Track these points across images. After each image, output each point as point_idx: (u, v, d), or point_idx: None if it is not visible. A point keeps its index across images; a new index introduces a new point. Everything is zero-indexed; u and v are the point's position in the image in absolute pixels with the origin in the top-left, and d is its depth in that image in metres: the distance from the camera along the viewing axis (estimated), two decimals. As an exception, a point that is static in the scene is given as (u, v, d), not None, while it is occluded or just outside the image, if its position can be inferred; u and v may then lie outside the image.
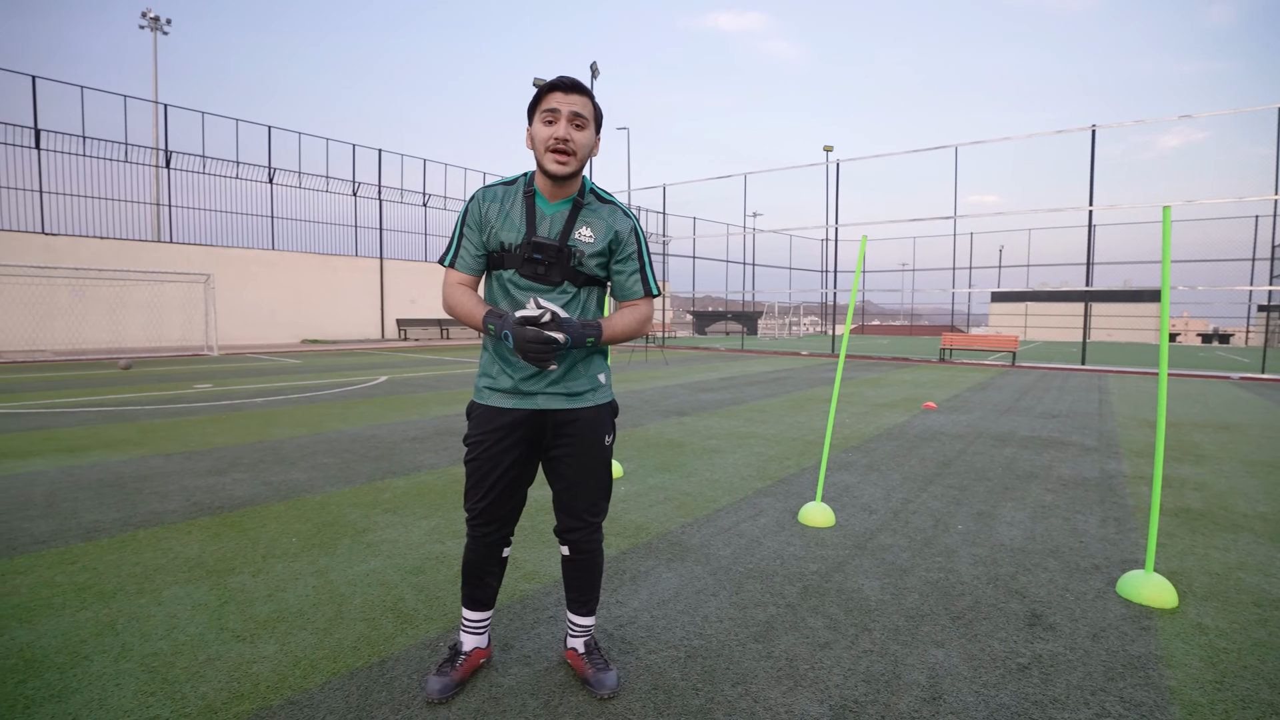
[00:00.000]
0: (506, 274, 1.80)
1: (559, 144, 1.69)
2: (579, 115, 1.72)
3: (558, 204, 1.81)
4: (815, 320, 52.94)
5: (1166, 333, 2.72)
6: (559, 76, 1.74)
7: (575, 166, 1.73)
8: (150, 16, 24.45)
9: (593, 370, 1.88)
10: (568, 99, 1.71)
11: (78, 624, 2.29)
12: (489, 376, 1.86)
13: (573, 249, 1.78)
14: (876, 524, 3.56)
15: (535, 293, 1.79)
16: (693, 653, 2.16)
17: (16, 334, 16.72)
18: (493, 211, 1.81)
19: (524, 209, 1.79)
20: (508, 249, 1.78)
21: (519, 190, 1.83)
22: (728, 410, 7.71)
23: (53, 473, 4.44)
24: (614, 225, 1.82)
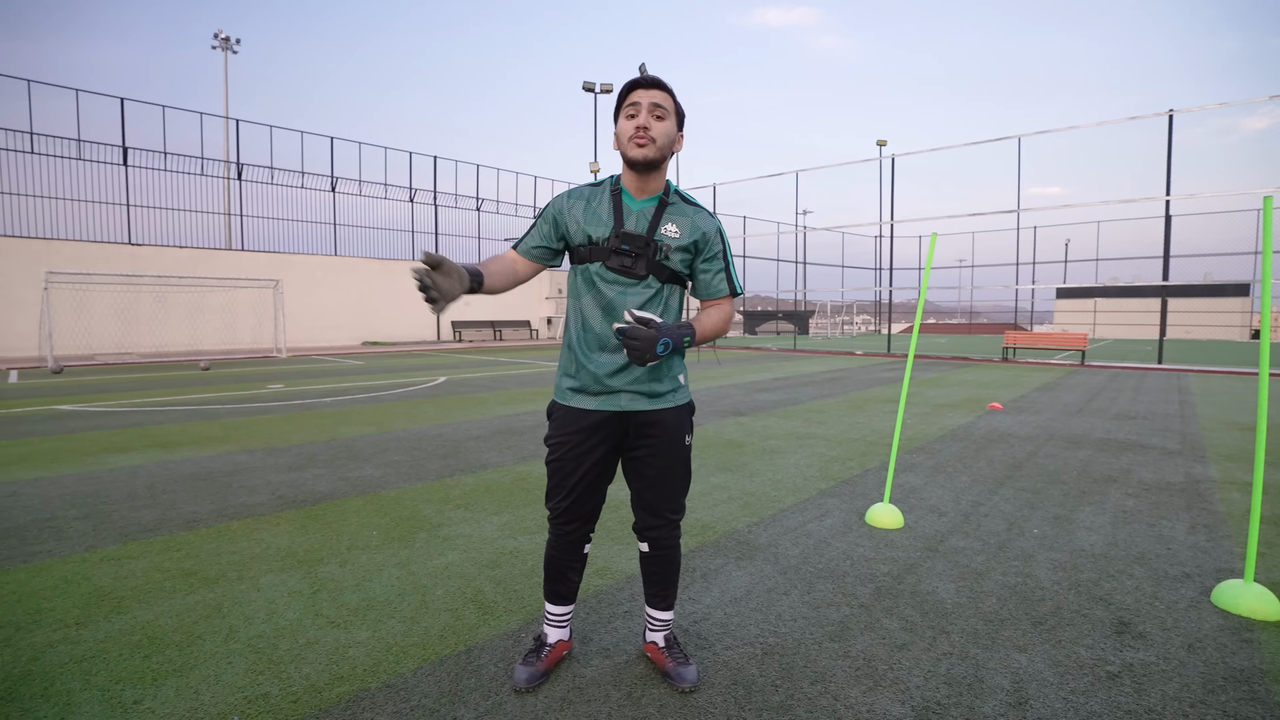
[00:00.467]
0: (593, 267, 1.85)
1: (640, 131, 1.76)
2: (658, 106, 1.78)
3: (644, 201, 1.86)
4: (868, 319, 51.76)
5: (1268, 329, 2.58)
6: (641, 75, 1.80)
7: (655, 153, 1.77)
8: (221, 37, 25.79)
9: (674, 370, 1.91)
10: (647, 94, 1.78)
11: (189, 606, 2.47)
12: (570, 376, 1.91)
13: (659, 243, 1.82)
14: (947, 526, 3.49)
15: (620, 286, 1.83)
16: (769, 650, 2.18)
17: (106, 338, 17.92)
18: (578, 209, 1.87)
19: (611, 206, 1.86)
20: (595, 242, 1.83)
21: (606, 189, 1.89)
22: (785, 410, 7.65)
23: (151, 467, 4.76)
24: (699, 225, 1.86)
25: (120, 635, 2.24)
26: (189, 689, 1.92)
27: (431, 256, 1.55)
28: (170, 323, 19.21)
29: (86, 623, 2.34)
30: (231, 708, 1.83)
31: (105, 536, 3.26)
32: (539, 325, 29.19)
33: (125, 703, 1.85)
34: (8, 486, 4.21)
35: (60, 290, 16.36)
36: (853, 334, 40.58)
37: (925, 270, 3.57)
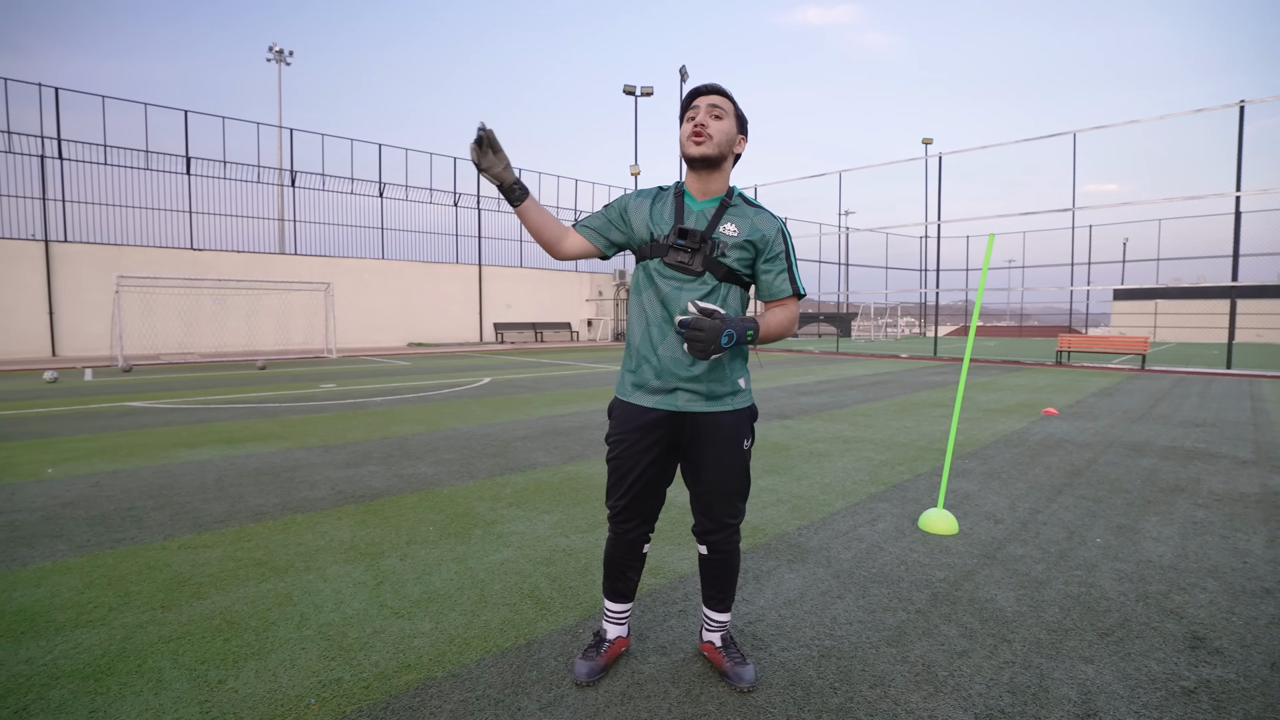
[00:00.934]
0: (653, 263, 1.89)
1: (696, 128, 1.81)
2: (716, 106, 1.83)
3: (705, 202, 1.90)
4: (912, 321, 50.61)
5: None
6: (703, 84, 1.87)
7: (712, 149, 1.82)
8: (275, 50, 26.80)
9: (734, 374, 1.93)
10: (707, 99, 1.84)
11: (262, 594, 2.59)
12: (631, 372, 1.95)
13: (715, 240, 1.85)
14: (1004, 533, 3.41)
15: (677, 281, 1.86)
16: (825, 653, 2.17)
17: (170, 338, 18.80)
18: (645, 207, 1.93)
19: (674, 206, 1.91)
20: (656, 239, 1.88)
21: (670, 191, 1.95)
22: (830, 414, 7.55)
23: (218, 461, 4.99)
24: (759, 225, 1.88)
25: (201, 619, 2.37)
26: (268, 672, 2.02)
27: (490, 134, 1.74)
28: (229, 324, 20.04)
29: (170, 606, 2.47)
30: (308, 691, 1.92)
31: (181, 526, 3.44)
32: (579, 327, 29.43)
33: (211, 682, 1.96)
34: (92, 478, 4.47)
35: (129, 293, 17.24)
36: (897, 336, 39.74)
37: (983, 271, 3.50)
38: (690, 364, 1.86)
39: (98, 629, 2.30)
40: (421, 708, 1.84)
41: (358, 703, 1.86)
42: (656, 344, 1.89)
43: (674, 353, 1.87)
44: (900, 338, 37.98)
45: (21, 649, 2.16)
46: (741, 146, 1.90)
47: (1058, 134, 16.48)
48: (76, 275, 17.96)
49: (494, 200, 26.97)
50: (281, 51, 26.85)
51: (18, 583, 2.71)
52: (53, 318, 17.64)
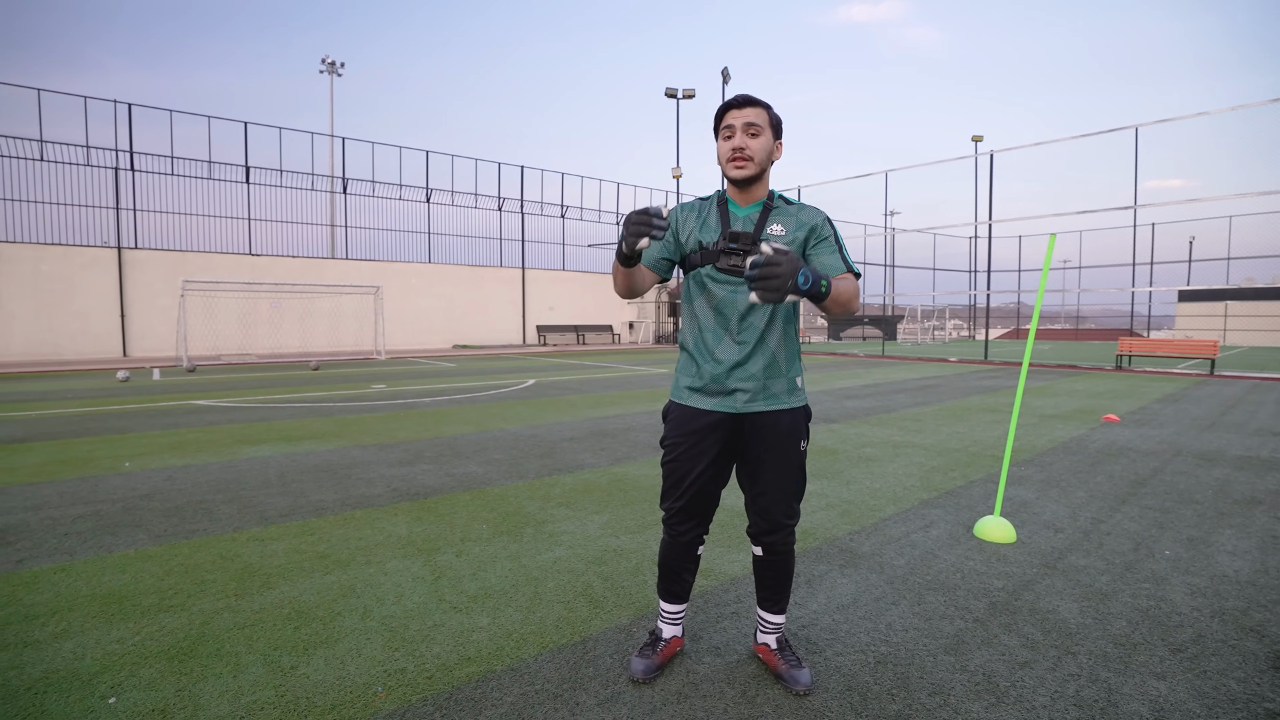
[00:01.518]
0: (704, 270, 1.91)
1: (736, 153, 1.83)
2: (752, 124, 1.84)
3: (749, 207, 1.92)
4: (960, 324, 49.19)
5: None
6: (734, 96, 1.87)
7: (754, 170, 1.84)
8: (328, 61, 27.75)
9: (790, 373, 1.93)
10: (740, 113, 1.85)
11: (326, 585, 2.69)
12: (688, 376, 1.96)
13: (766, 240, 1.86)
14: (1065, 543, 3.30)
15: (731, 285, 1.87)
16: (881, 659, 2.14)
17: (230, 339, 19.64)
18: (690, 220, 1.95)
19: (719, 214, 1.93)
20: (705, 247, 1.90)
21: (714, 201, 1.97)
22: (878, 418, 7.42)
23: (279, 458, 5.20)
24: (804, 219, 1.90)
25: (273, 608, 2.48)
26: (336, 660, 2.10)
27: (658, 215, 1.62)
28: (284, 326, 20.83)
29: (243, 595, 2.60)
30: (375, 679, 1.99)
31: (249, 519, 3.60)
32: (621, 330, 29.57)
33: (284, 667, 2.05)
34: (164, 472, 4.72)
35: (192, 297, 18.09)
36: (944, 340, 38.70)
37: (1044, 273, 3.40)
38: (747, 365, 1.86)
39: (178, 614, 2.43)
40: (483, 699, 1.90)
41: (422, 692, 1.93)
42: (713, 349, 1.91)
43: (731, 356, 1.88)
44: (948, 341, 36.94)
45: (113, 629, 2.31)
46: (779, 153, 1.92)
47: (1118, 129, 15.83)
48: (145, 280, 18.94)
49: (537, 204, 27.35)
50: (334, 63, 27.79)
51: (106, 568, 2.88)
52: (124, 320, 18.63)
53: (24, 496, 4.08)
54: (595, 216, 29.10)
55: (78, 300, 18.05)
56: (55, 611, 2.47)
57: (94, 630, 2.31)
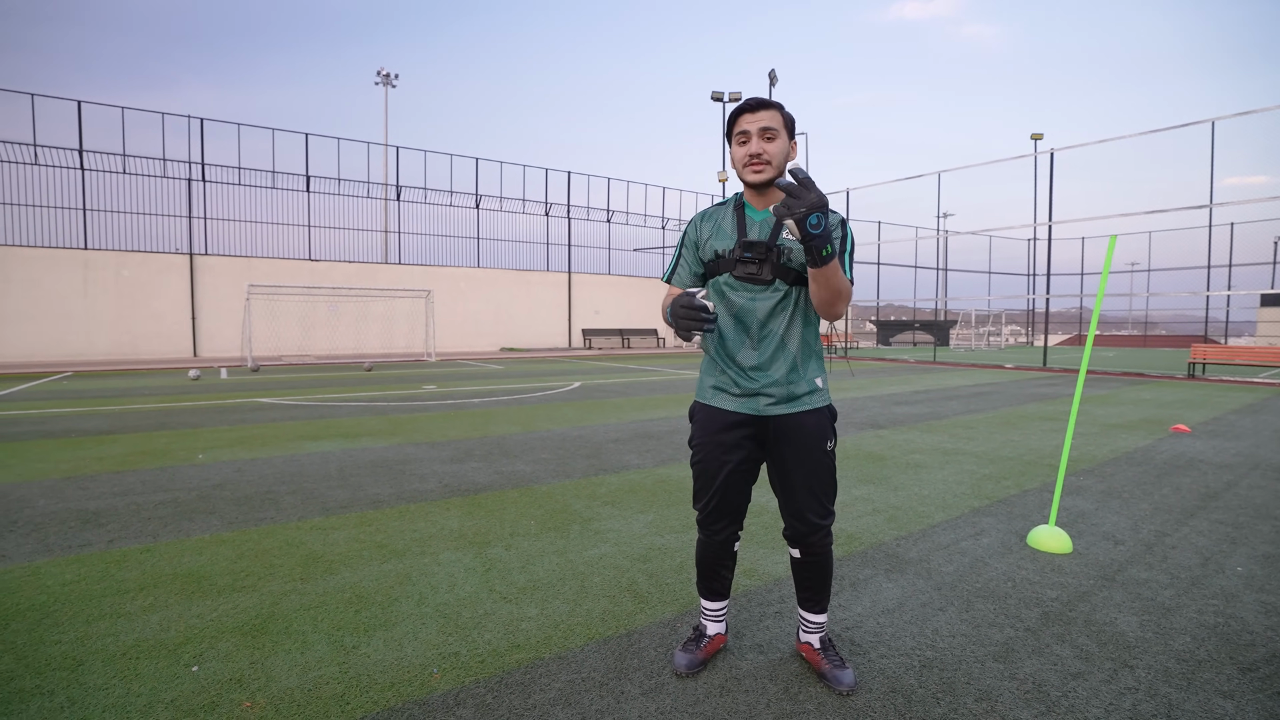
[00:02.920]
0: (722, 278, 1.95)
1: (753, 159, 1.85)
2: (768, 128, 1.85)
3: (765, 211, 1.94)
4: (1018, 330, 47.42)
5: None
6: (745, 100, 1.89)
7: (772, 173, 1.86)
8: (383, 73, 28.72)
9: (809, 374, 1.95)
10: (755, 117, 1.85)
11: (384, 574, 2.83)
12: (712, 377, 2.00)
13: (781, 247, 1.88)
14: (1125, 556, 3.18)
15: (749, 292, 1.91)
16: (927, 663, 2.13)
17: (290, 341, 20.52)
18: (706, 229, 1.99)
19: (735, 220, 1.95)
20: (721, 255, 1.93)
21: (730, 206, 2.00)
22: (927, 424, 7.26)
23: (338, 453, 5.44)
24: None
25: (335, 592, 2.62)
26: (394, 642, 2.22)
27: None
28: (340, 328, 21.65)
29: (308, 579, 2.75)
30: (430, 661, 2.09)
31: (311, 510, 3.79)
32: (665, 334, 29.63)
33: (347, 647, 2.18)
34: (234, 464, 5.00)
35: (257, 300, 18.99)
36: (1000, 346, 37.39)
37: (1103, 275, 3.30)
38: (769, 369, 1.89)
39: (250, 594, 2.59)
40: (532, 684, 1.97)
41: (474, 675, 2.02)
42: (734, 354, 1.94)
43: (752, 361, 1.91)
44: (1005, 347, 35.67)
45: (193, 606, 2.49)
46: (794, 152, 1.92)
47: (1192, 123, 15.03)
48: (214, 284, 19.98)
49: (583, 209, 27.68)
50: (388, 75, 28.77)
51: (185, 550, 3.10)
52: (195, 322, 19.69)
53: (112, 483, 4.39)
54: (641, 221, 29.28)
55: (154, 303, 19.18)
56: (143, 587, 2.67)
57: (177, 605, 2.49)
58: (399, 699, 1.89)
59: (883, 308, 42.06)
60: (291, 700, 1.88)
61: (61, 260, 18.16)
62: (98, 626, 2.33)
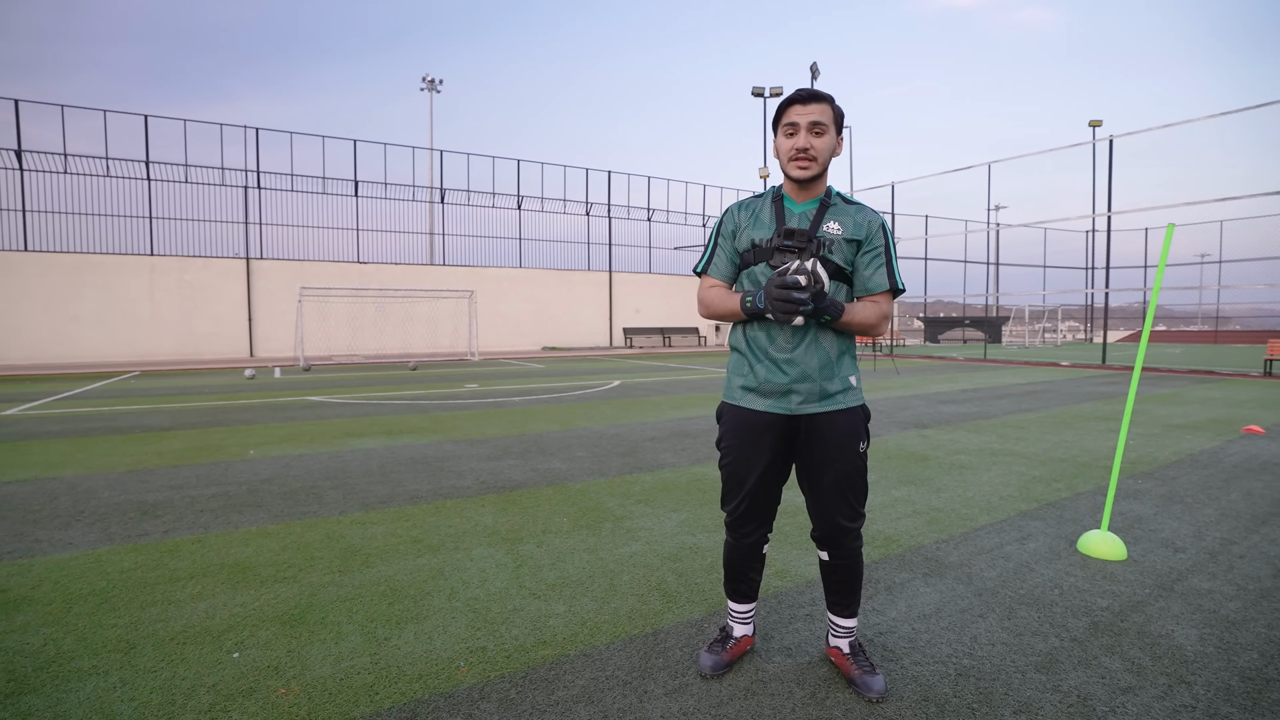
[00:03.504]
0: (758, 268, 1.89)
1: (800, 153, 1.80)
2: (817, 123, 1.80)
3: (805, 204, 1.89)
4: (1075, 326, 45.46)
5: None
6: (796, 90, 1.82)
7: (817, 170, 1.82)
8: (428, 79, 29.35)
9: (843, 371, 1.89)
10: (805, 109, 1.80)
11: (418, 568, 2.88)
12: (741, 376, 1.94)
13: (822, 239, 1.83)
14: (1186, 564, 3.01)
15: None
16: (963, 671, 2.05)
17: (339, 341, 21.20)
18: (744, 218, 1.94)
19: (773, 211, 1.91)
20: (758, 244, 1.88)
21: (768, 197, 1.95)
22: (975, 424, 7.02)
23: (380, 450, 5.58)
24: (861, 221, 1.86)
25: (370, 585, 2.69)
26: (424, 635, 2.25)
27: None
28: (387, 329, 22.26)
29: (346, 571, 2.83)
30: (458, 655, 2.12)
31: (352, 504, 3.90)
32: (707, 332, 29.48)
33: (379, 638, 2.23)
34: (282, 459, 5.18)
35: (308, 302, 19.67)
36: (1056, 343, 35.90)
37: (1160, 266, 3.12)
38: (801, 367, 1.85)
39: (291, 585, 2.68)
40: (556, 681, 1.98)
41: (500, 670, 2.03)
42: (766, 349, 1.88)
43: (785, 356, 1.85)
44: (1061, 344, 34.24)
45: (237, 595, 2.58)
46: (840, 148, 1.87)
47: (1268, 104, 14.08)
48: (269, 287, 20.79)
49: (623, 209, 27.76)
50: (433, 81, 29.39)
51: (232, 542, 3.22)
52: (251, 323, 20.53)
53: (169, 477, 4.61)
54: (681, 219, 29.20)
55: (214, 306, 20.09)
56: (193, 576, 2.78)
57: (222, 594, 2.59)
58: (426, 691, 1.92)
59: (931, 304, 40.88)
60: (324, 689, 1.93)
61: (130, 266, 19.19)
62: (150, 612, 2.44)
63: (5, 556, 3.06)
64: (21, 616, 2.42)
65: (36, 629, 2.32)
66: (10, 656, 2.13)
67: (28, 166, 18.42)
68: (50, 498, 4.09)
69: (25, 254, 18.12)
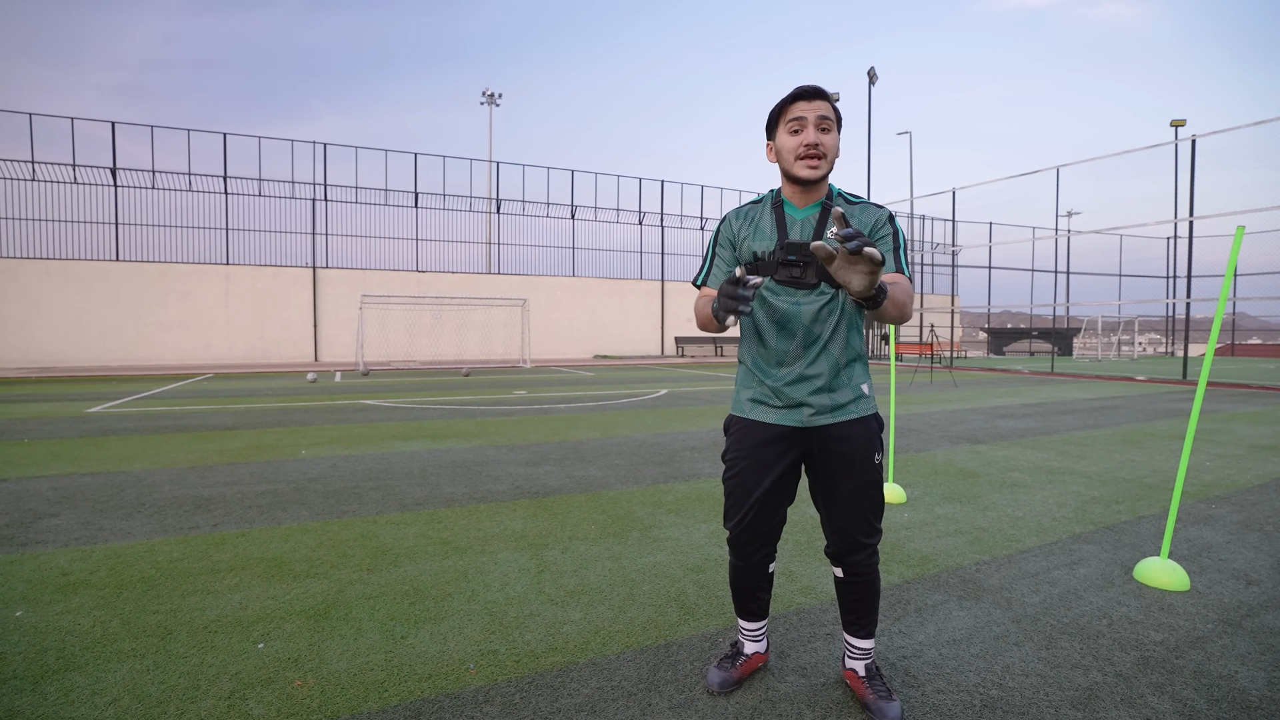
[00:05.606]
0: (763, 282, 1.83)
1: (809, 150, 1.71)
2: (825, 119, 1.72)
3: (807, 209, 1.81)
4: (1156, 338, 42.71)
5: None
6: (797, 87, 1.76)
7: (826, 169, 1.75)
8: (487, 93, 30.18)
9: (855, 380, 1.82)
10: (811, 105, 1.72)
11: (443, 569, 2.93)
12: (749, 388, 1.88)
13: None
14: (1259, 599, 2.76)
15: (792, 296, 1.79)
16: (990, 703, 1.93)
17: (398, 347, 21.94)
18: (743, 228, 1.86)
19: (774, 219, 1.83)
20: (760, 257, 1.80)
21: (767, 204, 1.87)
22: (1034, 440, 6.67)
23: (423, 453, 5.72)
24: (865, 218, 1.78)
25: (395, 584, 2.75)
26: (439, 635, 2.28)
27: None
28: (443, 335, 22.91)
29: (374, 570, 2.90)
30: (469, 657, 2.14)
31: (389, 505, 4.01)
32: (756, 342, 29.12)
33: (395, 636, 2.27)
34: (330, 460, 5.38)
35: (369, 309, 20.47)
36: (1134, 356, 33.80)
37: (1228, 272, 2.89)
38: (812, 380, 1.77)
39: (321, 580, 2.77)
40: (562, 688, 1.97)
41: (508, 674, 2.04)
42: (775, 362, 1.82)
43: (796, 369, 1.79)
44: (1138, 357, 32.22)
45: (270, 588, 2.69)
46: (839, 151, 1.80)
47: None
48: (334, 295, 21.75)
49: (677, 218, 27.79)
50: (492, 95, 30.22)
51: (273, 538, 3.36)
52: (316, 329, 21.50)
53: (225, 474, 4.85)
54: (733, 228, 29.00)
55: (283, 312, 21.14)
56: (233, 569, 2.91)
57: (257, 587, 2.70)
58: (433, 691, 1.94)
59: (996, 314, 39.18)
60: (338, 682, 1.98)
61: (208, 275, 20.43)
62: (190, 601, 2.57)
63: (71, 542, 3.27)
64: (78, 599, 2.59)
65: (89, 611, 2.47)
66: (63, 635, 2.27)
67: (121, 183, 19.89)
68: (118, 489, 4.37)
69: (117, 263, 19.55)
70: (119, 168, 19.79)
